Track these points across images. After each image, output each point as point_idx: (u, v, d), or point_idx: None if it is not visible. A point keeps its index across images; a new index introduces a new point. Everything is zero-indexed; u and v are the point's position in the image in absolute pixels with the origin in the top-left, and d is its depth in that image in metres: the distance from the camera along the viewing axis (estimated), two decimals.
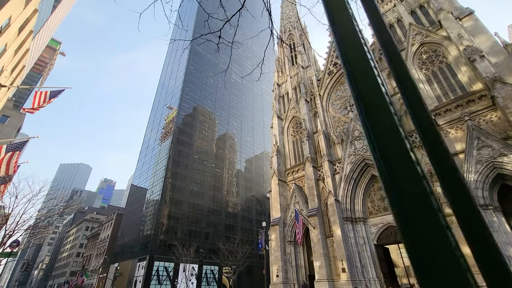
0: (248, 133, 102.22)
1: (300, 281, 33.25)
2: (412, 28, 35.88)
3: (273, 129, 48.69)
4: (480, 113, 26.25)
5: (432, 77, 32.42)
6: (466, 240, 0.96)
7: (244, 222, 78.94)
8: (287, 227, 36.94)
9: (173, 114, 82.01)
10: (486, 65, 25.81)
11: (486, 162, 23.24)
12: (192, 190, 71.26)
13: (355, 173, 32.98)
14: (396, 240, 29.45)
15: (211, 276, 62.65)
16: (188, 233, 64.40)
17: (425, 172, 0.91)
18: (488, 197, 22.78)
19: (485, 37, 28.92)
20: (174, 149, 72.88)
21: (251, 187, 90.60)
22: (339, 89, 43.31)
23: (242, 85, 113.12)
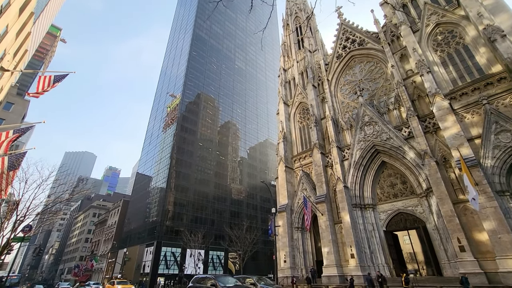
0: (252, 120, 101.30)
1: (307, 266, 33.42)
2: (427, 7, 34.07)
3: (279, 115, 47.81)
4: (499, 96, 25.08)
5: (447, 59, 30.96)
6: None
7: (249, 209, 79.54)
8: (294, 214, 36.84)
9: (177, 101, 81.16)
10: (508, 45, 24.43)
11: (504, 147, 22.39)
12: (197, 177, 71.46)
13: (365, 160, 32.34)
14: (406, 226, 29.18)
15: (217, 261, 63.79)
16: (194, 219, 65.10)
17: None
18: (505, 183, 22.08)
19: (506, 16, 27.22)
20: (179, 137, 72.55)
21: (256, 175, 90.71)
22: (348, 74, 41.96)
23: (246, 71, 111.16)
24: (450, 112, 25.96)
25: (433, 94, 27.54)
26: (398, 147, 29.27)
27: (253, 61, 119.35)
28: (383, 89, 36.28)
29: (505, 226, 19.69)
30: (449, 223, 22.65)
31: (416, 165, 27.42)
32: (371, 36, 40.06)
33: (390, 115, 33.01)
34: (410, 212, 28.52)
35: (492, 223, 20.14)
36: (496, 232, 19.84)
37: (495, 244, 19.74)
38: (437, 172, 24.79)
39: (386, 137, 30.64)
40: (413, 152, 27.80)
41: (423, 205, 27.38)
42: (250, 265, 66.62)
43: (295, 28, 59.19)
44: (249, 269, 67.73)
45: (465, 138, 24.25)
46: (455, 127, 25.04)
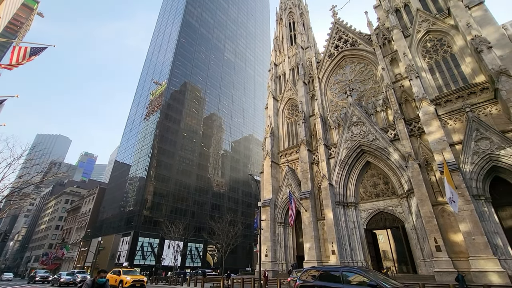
0: (238, 113, 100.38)
1: (288, 261, 33.74)
2: (419, 14, 34.84)
3: (268, 109, 47.47)
4: (481, 105, 26.22)
5: (435, 66, 31.93)
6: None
7: (230, 203, 79.22)
8: (277, 209, 36.91)
9: (161, 89, 78.52)
10: (493, 57, 25.48)
11: (483, 154, 23.48)
12: (179, 168, 69.88)
13: (350, 159, 32.86)
14: (386, 225, 30.11)
15: (195, 253, 63.09)
16: (174, 210, 63.80)
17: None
18: (481, 188, 23.23)
19: (492, 29, 28.42)
20: (162, 125, 70.35)
21: (239, 169, 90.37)
22: (339, 73, 42.29)
23: (235, 64, 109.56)
24: (435, 117, 26.81)
25: (420, 99, 28.29)
26: (383, 148, 29.94)
27: (243, 54, 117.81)
28: (372, 91, 36.91)
29: (479, 228, 20.73)
30: (427, 224, 23.54)
31: (399, 166, 28.20)
32: (363, 38, 40.49)
33: (377, 117, 33.67)
34: (390, 212, 29.42)
35: (468, 225, 21.13)
36: (471, 233, 20.85)
37: (469, 245, 20.75)
38: (420, 174, 25.63)
39: (372, 138, 31.23)
40: (397, 154, 28.55)
41: (403, 206, 28.31)
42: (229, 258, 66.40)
43: (288, 23, 58.75)
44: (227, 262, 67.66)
45: (447, 143, 25.18)
46: (439, 132, 25.91)
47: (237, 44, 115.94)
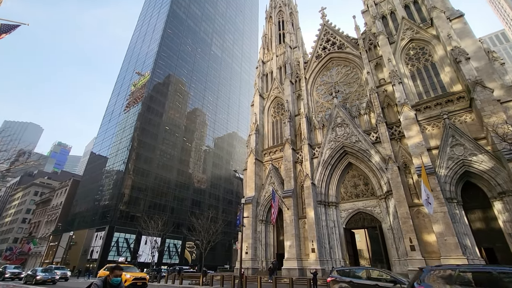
0: (223, 110, 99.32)
1: (268, 258, 33.86)
2: (404, 22, 36.03)
3: (254, 107, 47.23)
4: (457, 113, 27.60)
5: (416, 74, 33.22)
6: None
7: (211, 199, 78.35)
8: (259, 206, 36.90)
9: (144, 80, 75.82)
10: (470, 68, 26.84)
11: (457, 159, 24.74)
12: (160, 162, 67.97)
13: (333, 159, 33.47)
14: (364, 225, 31.02)
15: (173, 249, 61.81)
16: (153, 205, 62.03)
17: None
18: (454, 191, 24.51)
19: (470, 41, 29.97)
20: (143, 117, 68.00)
21: (221, 165, 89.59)
22: (325, 75, 42.90)
23: (222, 59, 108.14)
24: (415, 122, 27.88)
25: (402, 104, 29.29)
26: (365, 150, 30.74)
27: (230, 49, 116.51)
28: (356, 94, 37.77)
29: (451, 230, 21.85)
30: (404, 224, 24.49)
31: (379, 168, 29.08)
32: (350, 41, 41.28)
33: (361, 119, 34.50)
34: (369, 212, 30.33)
35: (441, 226, 22.21)
36: (443, 234, 21.93)
37: (441, 245, 21.82)
38: (398, 176, 26.58)
39: (355, 140, 31.97)
40: (378, 156, 29.42)
41: (381, 206, 29.27)
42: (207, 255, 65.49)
43: (277, 22, 58.74)
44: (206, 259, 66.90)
45: (425, 148, 26.28)
46: (418, 136, 26.98)
47: (225, 39, 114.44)
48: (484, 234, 23.79)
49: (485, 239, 23.56)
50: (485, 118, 23.80)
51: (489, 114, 23.62)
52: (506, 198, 22.32)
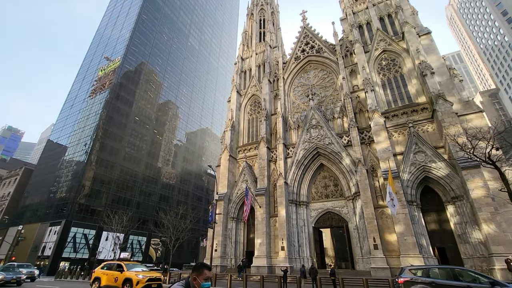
0: (197, 104, 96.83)
1: (237, 256, 33.72)
2: (378, 33, 37.99)
3: (231, 103, 46.65)
4: (420, 123, 29.80)
5: (386, 83, 35.24)
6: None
7: (180, 195, 76.04)
8: (231, 204, 36.57)
9: (114, 65, 71.09)
10: (434, 82, 29.12)
11: (418, 165, 26.72)
12: (127, 154, 64.25)
13: (306, 160, 34.27)
14: (332, 224, 32.23)
15: (137, 246, 58.89)
16: (117, 199, 58.45)
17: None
18: (414, 194, 26.45)
19: (435, 57, 32.50)
20: (111, 105, 63.71)
21: (192, 161, 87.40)
22: (303, 77, 43.74)
23: (199, 52, 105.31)
24: (384, 129, 29.55)
25: (373, 111, 30.86)
26: (337, 153, 31.90)
27: (208, 43, 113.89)
28: (331, 98, 39.05)
29: (410, 230, 23.54)
30: (369, 224, 25.86)
31: (349, 170, 30.37)
32: (328, 47, 42.52)
33: (334, 123, 35.73)
34: (337, 212, 31.58)
35: (402, 226, 23.82)
36: (404, 234, 23.55)
37: (401, 244, 23.42)
38: (366, 179, 27.99)
39: (328, 142, 33.03)
40: (349, 159, 30.71)
41: (349, 207, 30.63)
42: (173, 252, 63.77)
43: (258, 20, 58.61)
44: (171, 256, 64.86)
45: (392, 153, 27.99)
46: (386, 142, 28.64)
47: (203, 32, 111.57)
48: (438, 234, 26.04)
49: (438, 239, 25.79)
50: (444, 129, 25.93)
51: (448, 125, 25.79)
52: (458, 202, 24.60)
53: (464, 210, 23.92)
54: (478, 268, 21.87)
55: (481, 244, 22.23)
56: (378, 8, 40.85)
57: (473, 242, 22.85)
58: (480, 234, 22.19)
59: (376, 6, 41.23)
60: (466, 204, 23.71)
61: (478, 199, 21.99)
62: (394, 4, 38.68)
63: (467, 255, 23.27)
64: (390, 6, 39.84)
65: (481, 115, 27.78)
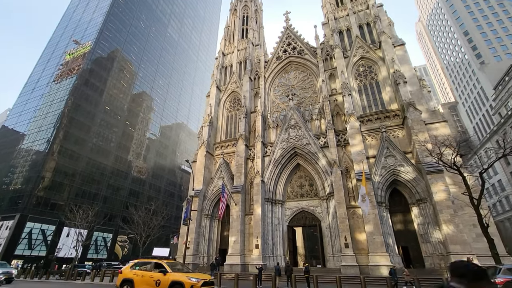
0: (174, 97, 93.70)
1: (210, 254, 33.15)
2: (357, 40, 39.44)
3: (210, 98, 45.69)
4: (392, 128, 31.45)
5: (363, 89, 36.73)
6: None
7: (151, 190, 73.08)
8: (206, 200, 35.85)
9: (84, 50, 66.32)
10: (406, 91, 30.88)
11: (389, 169, 28.18)
12: (94, 145, 60.28)
13: (284, 159, 34.61)
14: (305, 223, 32.93)
15: (102, 243, 55.57)
16: (81, 193, 54.59)
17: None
18: (384, 196, 27.88)
19: (408, 68, 34.49)
20: (79, 92, 59.33)
21: (166, 155, 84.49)
22: (283, 77, 44.12)
23: (178, 44, 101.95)
24: (359, 132, 30.75)
25: (349, 114, 31.97)
26: (314, 153, 32.61)
27: (188, 35, 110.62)
28: (310, 99, 39.84)
29: (379, 230, 24.76)
30: (341, 224, 26.78)
31: (325, 171, 31.21)
32: (310, 49, 43.30)
33: (312, 124, 36.48)
34: (311, 212, 32.32)
35: (371, 226, 24.97)
36: (373, 233, 24.71)
37: (370, 243, 24.55)
38: (341, 180, 28.95)
39: (306, 142, 33.65)
40: (325, 160, 31.53)
41: (322, 207, 31.49)
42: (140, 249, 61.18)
43: (242, 16, 58.05)
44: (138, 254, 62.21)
45: (365, 156, 29.22)
46: (360, 145, 29.82)
47: (183, 24, 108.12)
48: (402, 234, 27.71)
49: (403, 238, 27.45)
50: (413, 135, 27.63)
51: (417, 132, 27.50)
52: (422, 204, 26.36)
53: (427, 211, 25.69)
54: (437, 265, 23.66)
55: (440, 244, 24.03)
56: (358, 16, 42.38)
57: (434, 242, 24.64)
58: (440, 234, 23.97)
59: (356, 14, 42.74)
60: (429, 206, 25.48)
61: (440, 201, 23.72)
62: (373, 14, 40.33)
63: (427, 253, 25.05)
64: (369, 15, 41.50)
65: (445, 124, 30.00)
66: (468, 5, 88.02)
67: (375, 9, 40.41)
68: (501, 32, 79.98)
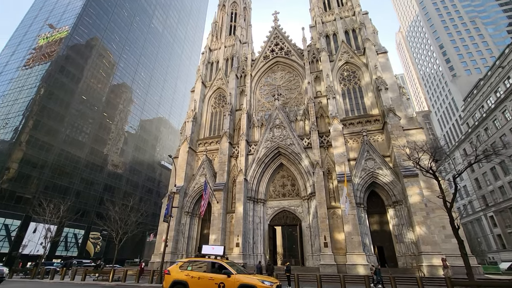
0: (156, 91, 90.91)
1: (189, 252, 32.50)
2: (343, 45, 40.44)
3: (195, 93, 44.80)
4: (372, 132, 32.58)
5: (346, 93, 37.73)
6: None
7: (128, 186, 70.43)
8: (187, 197, 35.11)
9: (60, 35, 62.48)
10: (387, 97, 32.10)
11: (368, 171, 29.18)
12: (68, 136, 56.96)
13: (267, 158, 34.75)
14: (286, 222, 33.27)
15: (73, 240, 52.68)
16: (52, 186, 51.36)
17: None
18: (362, 197, 28.83)
19: (389, 75, 35.87)
20: (53, 79, 55.81)
21: (145, 150, 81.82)
22: (270, 76, 44.28)
23: (162, 36, 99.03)
24: (342, 135, 31.52)
25: (333, 117, 32.70)
26: (297, 154, 33.02)
27: (173, 28, 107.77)
28: (295, 100, 40.30)
29: (357, 230, 25.57)
30: (322, 223, 27.34)
31: (307, 172, 31.70)
32: (297, 51, 43.79)
33: (297, 125, 36.91)
34: (292, 211, 32.73)
35: (350, 226, 25.73)
36: (351, 233, 25.47)
37: (348, 243, 25.29)
38: (322, 180, 29.54)
39: (290, 142, 33.99)
40: (308, 161, 32.03)
41: (303, 207, 31.99)
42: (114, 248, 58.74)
43: (230, 13, 57.47)
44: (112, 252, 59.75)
45: (347, 158, 30.03)
46: (342, 147, 30.60)
47: (169, 16, 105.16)
48: (378, 234, 28.83)
49: (378, 239, 28.56)
50: (392, 140, 28.76)
51: (396, 137, 28.64)
52: (397, 206, 27.56)
53: (402, 213, 26.91)
54: (409, 265, 24.88)
55: (413, 244, 25.28)
56: (345, 22, 43.46)
57: (407, 242, 25.87)
58: (413, 235, 25.21)
59: (343, 19, 43.80)
60: (404, 208, 26.71)
61: (415, 204, 24.93)
62: (359, 21, 41.52)
63: (401, 253, 26.27)
64: (355, 22, 42.69)
65: (421, 131, 31.57)
66: (445, 20, 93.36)
67: (360, 16, 41.62)
68: (472, 48, 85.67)
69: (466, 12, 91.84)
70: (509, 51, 53.67)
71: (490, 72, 59.43)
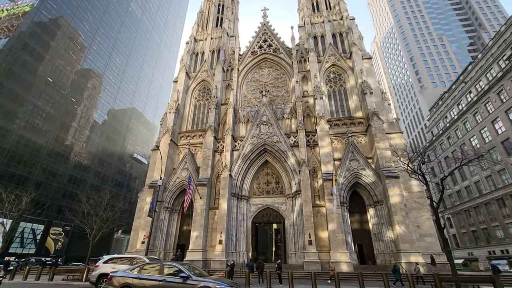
0: (131, 79, 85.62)
1: (167, 249, 30.90)
2: (330, 48, 41.22)
3: (178, 84, 42.75)
4: (357, 134, 33.54)
5: (332, 95, 38.51)
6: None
7: (96, 178, 65.47)
8: (167, 192, 33.33)
9: (23, 8, 56.07)
10: (371, 101, 33.26)
11: (352, 171, 29.97)
12: (29, 121, 51.31)
13: (253, 154, 34.23)
14: (270, 220, 33.05)
15: (30, 236, 47.54)
16: (8, 176, 45.76)
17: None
18: (346, 197, 29.57)
19: (373, 80, 37.19)
20: (13, 55, 49.85)
21: (117, 141, 76.77)
22: (257, 72, 43.76)
23: (141, 21, 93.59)
24: (328, 135, 32.02)
25: (320, 117, 33.12)
26: (284, 151, 32.92)
27: (153, 14, 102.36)
28: (282, 98, 40.23)
29: (341, 228, 26.11)
30: (307, 221, 27.49)
31: (293, 170, 31.74)
32: (285, 49, 43.75)
33: (283, 123, 36.85)
34: (276, 209, 32.59)
35: (335, 224, 26.20)
36: (335, 232, 25.95)
37: (332, 241, 25.73)
38: (308, 179, 29.76)
39: (276, 140, 33.78)
40: (294, 159, 32.08)
41: (288, 205, 32.00)
42: (76, 245, 54.47)
43: (217, 4, 55.81)
44: (74, 249, 55.23)
45: (332, 158, 30.57)
46: (328, 147, 31.10)
47: (149, 1, 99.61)
48: (359, 233, 29.78)
49: (358, 237, 29.49)
50: (376, 142, 29.89)
51: (379, 140, 29.81)
52: (378, 206, 28.65)
53: (382, 213, 28.02)
54: (387, 262, 25.98)
55: (392, 242, 26.45)
56: (333, 25, 44.31)
57: (386, 240, 27.00)
58: (392, 234, 26.37)
59: (331, 22, 44.62)
60: (385, 208, 27.84)
61: (395, 204, 26.07)
62: (346, 25, 42.55)
63: (379, 251, 27.35)
64: (342, 26, 43.71)
65: (400, 135, 33.18)
66: (416, 34, 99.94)
67: (348, 21, 42.69)
68: (439, 62, 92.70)
69: (435, 29, 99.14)
70: (471, 68, 58.76)
71: (454, 86, 64.73)
